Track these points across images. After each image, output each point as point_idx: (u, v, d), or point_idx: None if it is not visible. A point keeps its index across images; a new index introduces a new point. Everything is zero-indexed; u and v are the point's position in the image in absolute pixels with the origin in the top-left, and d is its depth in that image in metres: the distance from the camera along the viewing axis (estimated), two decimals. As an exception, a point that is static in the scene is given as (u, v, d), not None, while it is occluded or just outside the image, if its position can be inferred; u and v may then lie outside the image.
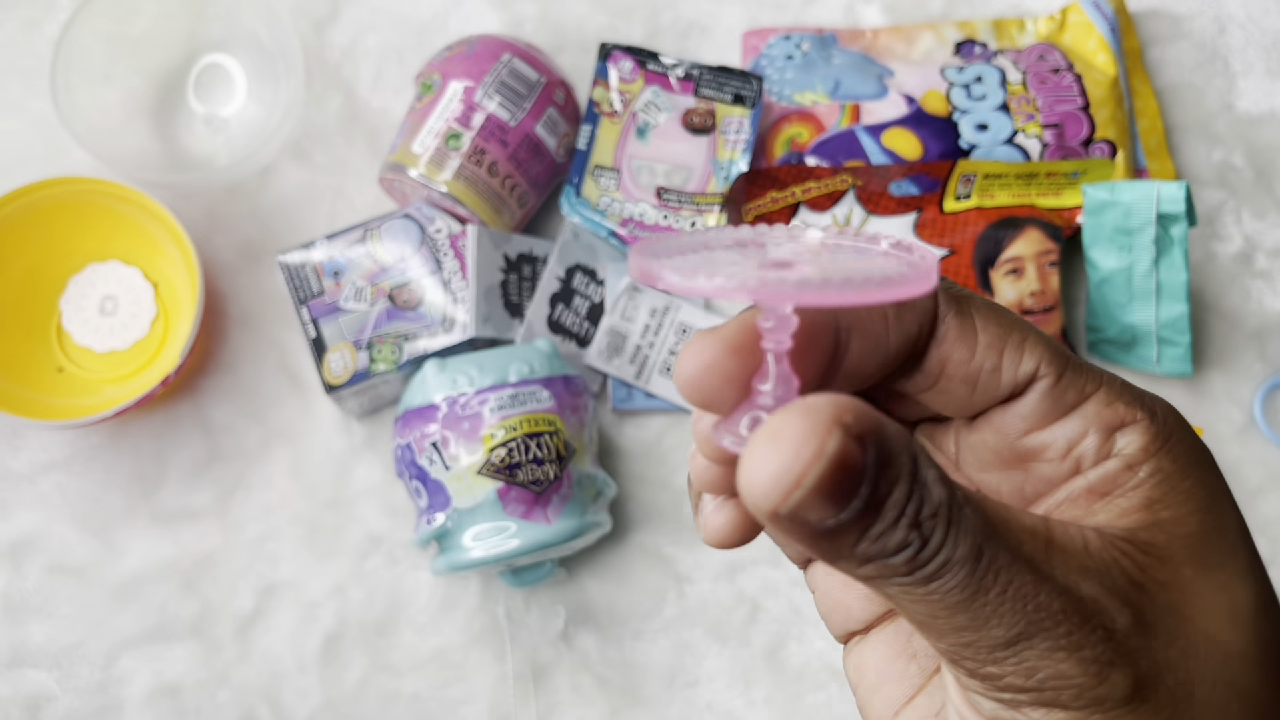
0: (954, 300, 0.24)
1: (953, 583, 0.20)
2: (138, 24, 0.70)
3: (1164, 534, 0.23)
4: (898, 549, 0.20)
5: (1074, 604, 0.21)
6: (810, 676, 0.65)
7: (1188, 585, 0.22)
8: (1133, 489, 0.23)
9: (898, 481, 0.20)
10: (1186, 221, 0.64)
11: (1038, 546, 0.21)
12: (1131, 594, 0.22)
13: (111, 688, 0.65)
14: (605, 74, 0.70)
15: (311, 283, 0.66)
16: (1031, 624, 0.21)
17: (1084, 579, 0.21)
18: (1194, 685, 0.22)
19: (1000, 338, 0.24)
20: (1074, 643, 0.21)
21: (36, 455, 0.68)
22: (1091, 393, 0.24)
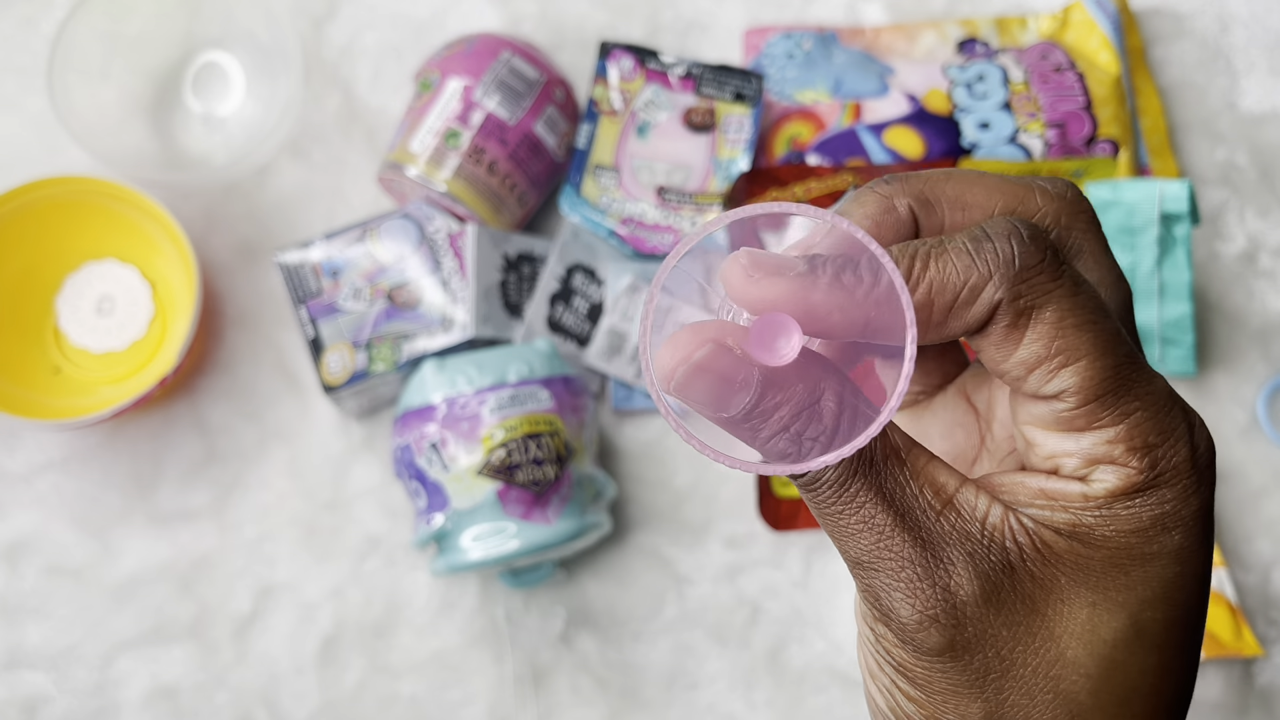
0: (1015, 314, 0.24)
1: (821, 496, 0.25)
2: (135, 22, 0.70)
3: (1067, 544, 0.24)
4: (781, 456, 0.24)
5: (925, 558, 0.24)
6: (811, 679, 0.65)
7: (1055, 588, 0.24)
8: (1077, 509, 0.25)
9: (786, 403, 0.23)
10: (1189, 221, 0.64)
11: (928, 499, 0.25)
12: (995, 573, 0.24)
13: (108, 689, 0.65)
14: (605, 72, 0.70)
15: (309, 282, 0.66)
16: (877, 558, 0.25)
17: (955, 544, 0.24)
18: (1014, 665, 0.24)
19: (1039, 360, 0.24)
20: (911, 588, 0.24)
21: (33, 456, 0.68)
22: (1102, 426, 0.24)
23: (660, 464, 0.68)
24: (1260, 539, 0.66)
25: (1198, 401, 0.68)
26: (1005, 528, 0.25)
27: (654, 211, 0.69)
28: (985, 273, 0.24)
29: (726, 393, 0.23)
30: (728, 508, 0.67)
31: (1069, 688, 0.24)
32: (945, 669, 0.25)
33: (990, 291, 0.24)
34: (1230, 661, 0.64)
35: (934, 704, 0.25)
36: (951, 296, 0.24)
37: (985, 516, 0.25)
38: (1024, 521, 0.25)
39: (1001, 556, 0.24)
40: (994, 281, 0.24)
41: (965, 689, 0.25)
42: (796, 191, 0.68)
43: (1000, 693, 0.25)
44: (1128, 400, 0.24)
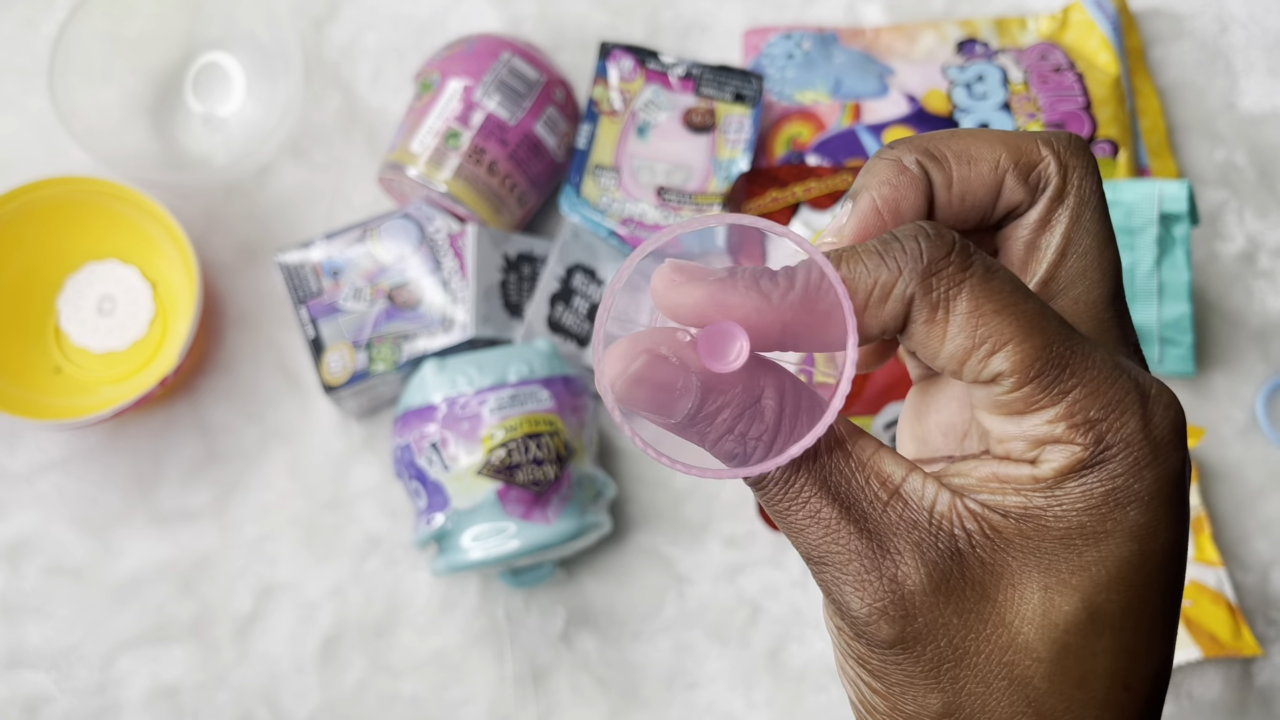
0: (929, 308, 0.24)
1: (770, 495, 0.25)
2: (135, 23, 0.70)
3: (1016, 527, 0.24)
4: (729, 458, 0.25)
5: (872, 550, 0.24)
6: (811, 678, 0.65)
7: (1006, 573, 0.24)
8: (1027, 491, 0.24)
9: (727, 406, 0.24)
10: (1189, 221, 0.64)
11: (874, 489, 0.25)
12: (943, 561, 0.24)
13: (109, 689, 0.65)
14: (605, 73, 0.70)
15: (310, 282, 0.66)
16: (825, 552, 0.25)
17: (902, 533, 0.25)
18: (967, 653, 0.24)
19: (967, 350, 0.24)
20: (859, 581, 0.25)
21: (34, 456, 0.68)
22: (1042, 407, 0.24)
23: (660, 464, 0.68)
24: (1259, 539, 0.67)
25: (1196, 402, 0.68)
26: (953, 514, 0.25)
27: (654, 212, 0.69)
28: (895, 270, 0.24)
29: (668, 400, 0.24)
30: (727, 508, 0.67)
31: (1023, 673, 0.24)
32: (899, 660, 0.25)
33: (901, 288, 0.24)
34: (1229, 661, 0.64)
35: (894, 695, 0.25)
36: (864, 296, 0.24)
37: (933, 505, 0.25)
38: (971, 507, 0.25)
39: (949, 544, 0.24)
40: (904, 278, 0.24)
41: (921, 679, 0.25)
42: (796, 191, 0.68)
43: (956, 681, 0.25)
44: (1064, 377, 0.24)
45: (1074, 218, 0.27)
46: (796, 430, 0.25)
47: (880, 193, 0.26)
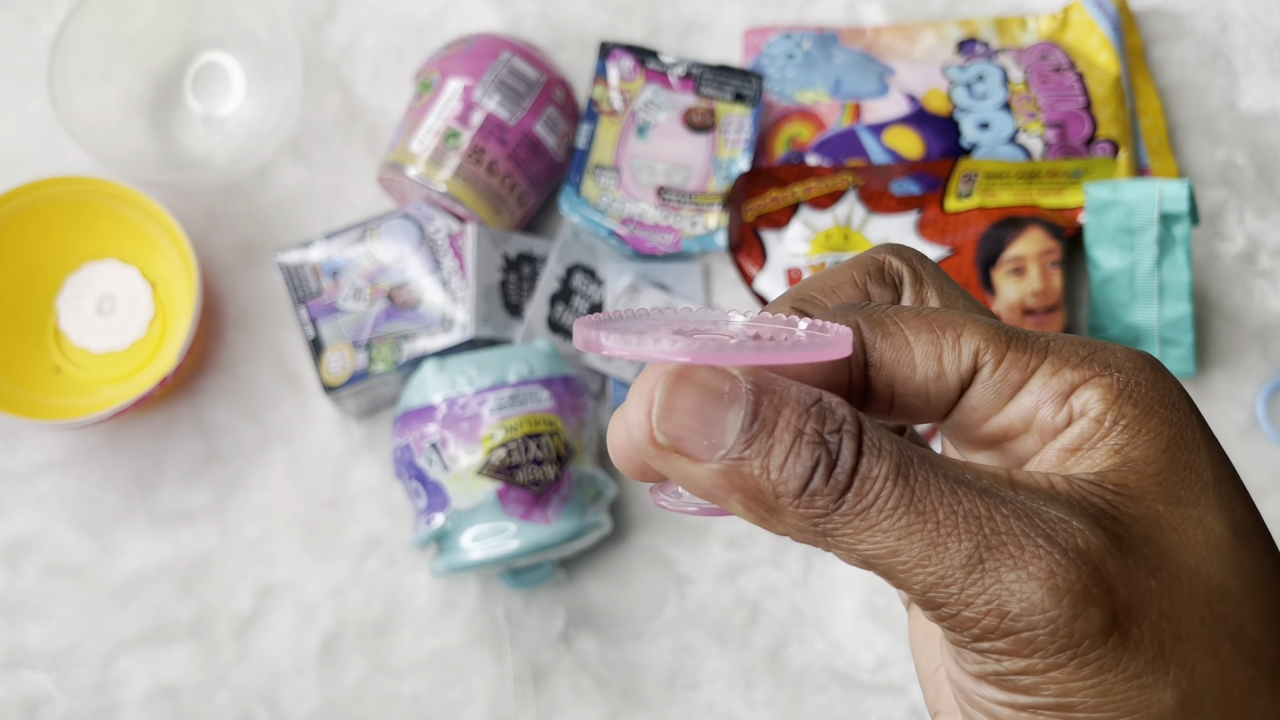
0: (877, 324, 0.24)
1: (886, 503, 0.20)
2: (135, 22, 0.70)
3: (1134, 473, 0.22)
4: (808, 472, 0.20)
5: (1037, 524, 0.20)
6: (811, 678, 0.65)
7: (1162, 520, 0.21)
8: (1100, 440, 0.22)
9: (786, 403, 0.21)
10: (1189, 221, 0.64)
11: (992, 479, 0.21)
12: (1106, 520, 0.21)
13: (109, 689, 0.65)
14: (605, 72, 0.70)
15: (310, 282, 0.66)
16: (988, 546, 0.20)
17: (1051, 505, 0.21)
18: (1181, 621, 0.20)
19: (935, 342, 0.24)
20: (1041, 567, 0.20)
21: (34, 455, 0.68)
22: (1036, 366, 0.23)
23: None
24: (1260, 539, 0.66)
25: (1197, 401, 0.68)
26: (1073, 486, 0.21)
27: (654, 211, 0.69)
28: (844, 315, 0.24)
29: (717, 412, 0.21)
30: (728, 507, 0.67)
31: (1235, 621, 0.20)
32: (1119, 655, 0.20)
33: (846, 317, 0.24)
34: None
35: (1112, 711, 0.20)
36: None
37: (1050, 484, 0.21)
38: (1085, 476, 0.22)
39: (1095, 507, 0.21)
40: (847, 314, 0.24)
41: (1149, 672, 0.20)
42: (796, 191, 0.68)
43: (1185, 663, 0.20)
44: (1032, 339, 0.23)
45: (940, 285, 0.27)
46: None
47: None
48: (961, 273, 0.67)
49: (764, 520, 0.21)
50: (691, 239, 0.69)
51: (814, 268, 0.67)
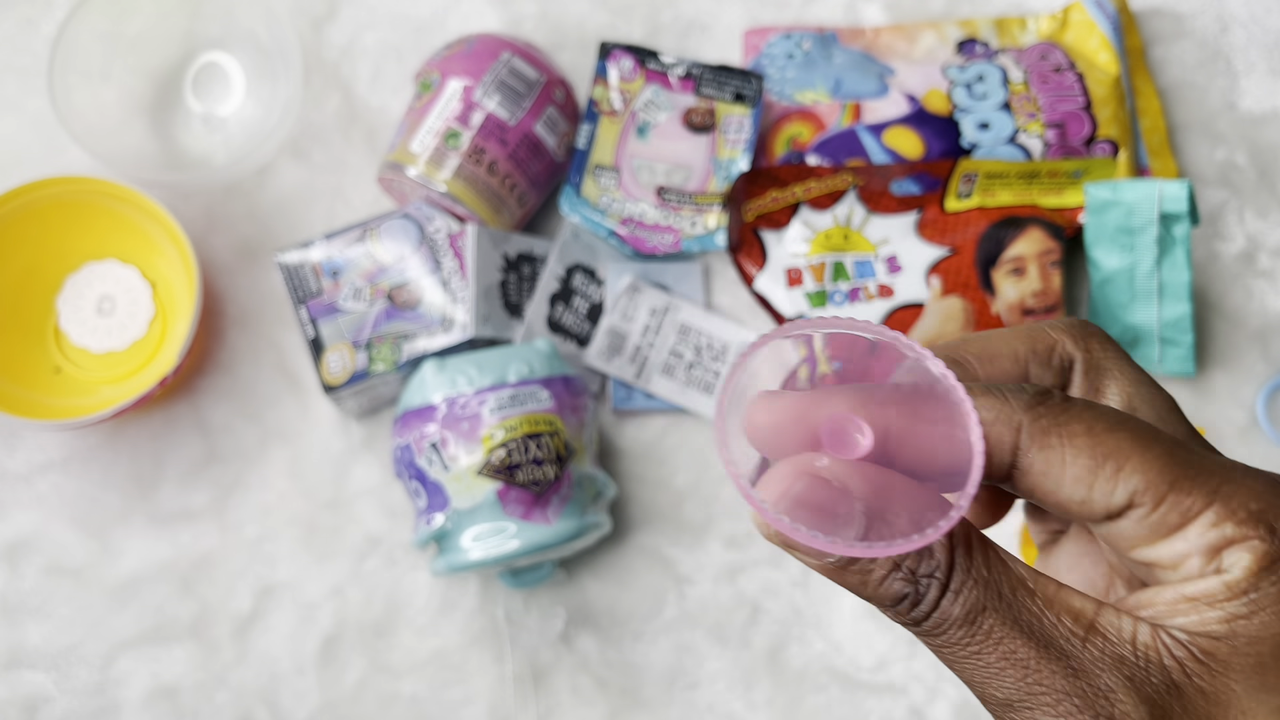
0: (1039, 434, 0.23)
1: (952, 640, 0.23)
2: (135, 23, 0.70)
3: (1229, 646, 0.22)
4: (895, 600, 0.23)
5: (1082, 688, 0.22)
6: (811, 678, 0.65)
7: (1233, 700, 0.22)
8: (1223, 603, 0.23)
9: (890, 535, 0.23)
10: (1189, 221, 0.64)
11: (1068, 625, 0.23)
12: (1160, 696, 0.22)
13: (109, 689, 0.65)
14: (605, 73, 0.70)
15: (310, 282, 0.66)
16: (1027, 694, 0.23)
17: (1109, 670, 0.22)
18: None
19: (1091, 470, 0.23)
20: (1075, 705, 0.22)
21: (34, 455, 0.68)
22: (1197, 513, 0.23)
23: (660, 464, 0.68)
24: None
25: (1197, 402, 0.68)
26: (1158, 644, 0.23)
27: (654, 212, 0.69)
28: (1001, 399, 0.24)
29: (830, 526, 0.22)
30: (728, 508, 0.67)
31: None
32: None
33: (1009, 413, 0.24)
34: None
35: None
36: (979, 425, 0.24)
37: (1134, 637, 0.23)
38: (1177, 635, 0.23)
39: (1163, 676, 0.22)
40: (1011, 406, 0.24)
41: None
42: (796, 191, 0.68)
43: None
44: (1203, 480, 0.23)
45: (1120, 375, 0.26)
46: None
47: None
48: (961, 273, 0.67)
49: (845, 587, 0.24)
50: (691, 239, 0.69)
51: (814, 268, 0.67)
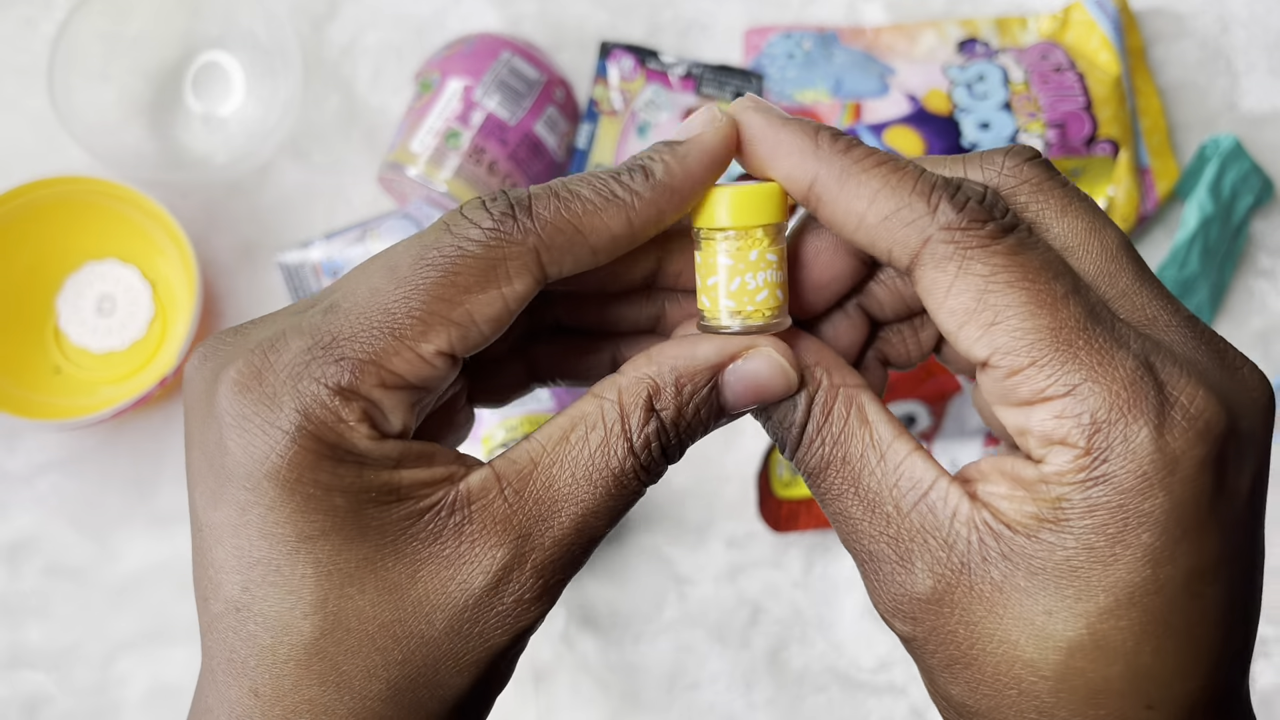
0: (941, 257, 0.24)
1: (811, 485, 0.26)
2: (135, 22, 0.70)
3: (1026, 547, 0.23)
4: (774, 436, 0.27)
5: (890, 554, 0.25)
6: (811, 678, 0.65)
7: (1013, 591, 0.23)
8: (1041, 500, 0.23)
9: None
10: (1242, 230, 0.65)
11: (901, 492, 0.25)
12: (952, 574, 0.24)
13: (109, 689, 0.65)
14: (605, 72, 0.70)
15: (310, 282, 0.66)
16: (851, 546, 0.26)
17: (919, 541, 0.24)
18: (974, 660, 0.24)
19: (968, 312, 0.24)
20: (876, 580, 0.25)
21: (34, 456, 0.68)
22: (1047, 399, 0.23)
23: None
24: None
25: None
26: (970, 526, 0.24)
27: (654, 211, 0.69)
28: (931, 206, 0.24)
29: None
30: (728, 508, 0.67)
31: (1030, 687, 0.24)
32: (918, 652, 0.25)
33: (924, 223, 0.24)
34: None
35: (924, 674, 0.26)
36: (892, 207, 0.24)
37: (954, 514, 0.24)
38: (988, 520, 0.24)
39: (962, 557, 0.24)
40: (932, 216, 0.24)
41: (940, 671, 0.25)
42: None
43: (968, 682, 0.24)
44: (1074, 367, 0.23)
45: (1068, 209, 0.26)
46: None
47: None
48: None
49: None
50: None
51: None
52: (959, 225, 0.24)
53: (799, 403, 0.26)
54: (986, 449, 0.67)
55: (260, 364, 0.23)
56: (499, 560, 0.24)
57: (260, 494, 0.23)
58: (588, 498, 0.25)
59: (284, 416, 0.23)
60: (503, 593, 0.24)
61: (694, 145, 0.26)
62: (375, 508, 0.23)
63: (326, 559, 0.23)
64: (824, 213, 0.25)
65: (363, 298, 0.24)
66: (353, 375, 0.23)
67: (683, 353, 0.26)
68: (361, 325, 0.23)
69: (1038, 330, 0.23)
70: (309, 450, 0.23)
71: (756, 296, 0.26)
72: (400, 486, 0.24)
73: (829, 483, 0.25)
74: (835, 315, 0.28)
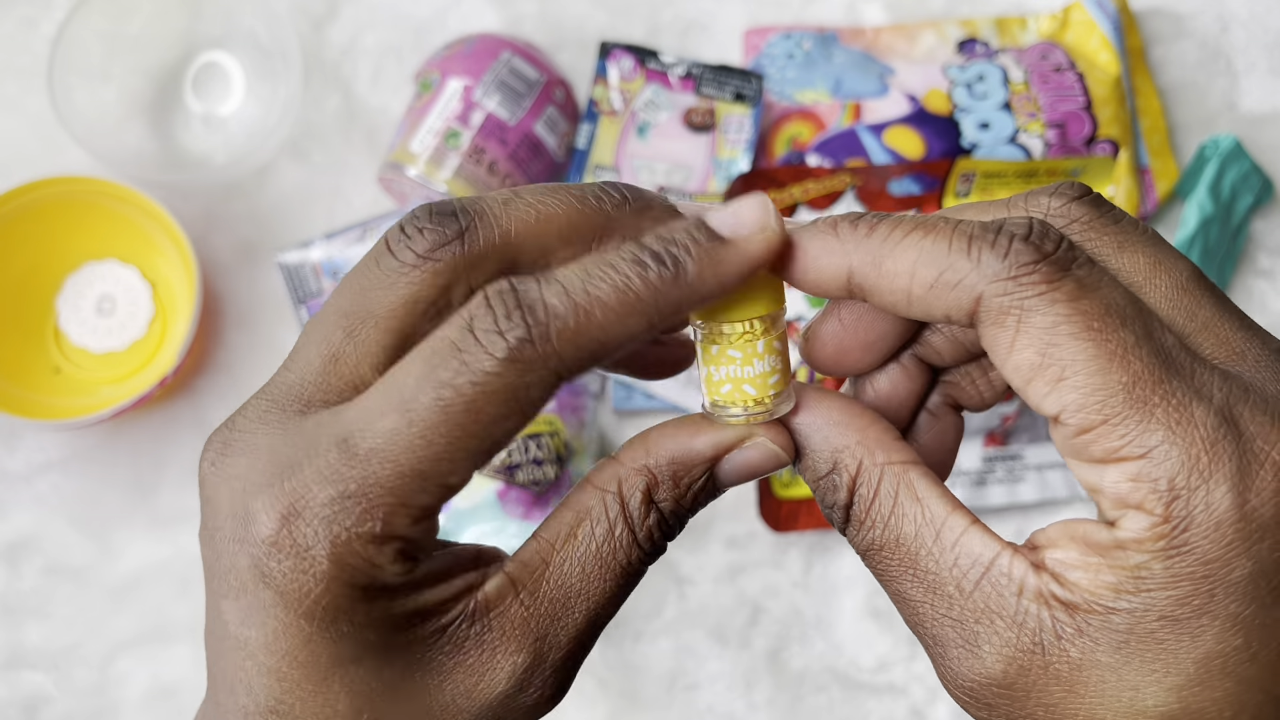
0: (998, 311, 0.22)
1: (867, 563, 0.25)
2: (135, 22, 0.70)
3: (1106, 621, 0.22)
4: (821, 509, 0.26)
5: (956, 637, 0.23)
6: (811, 679, 0.65)
7: (1094, 669, 0.22)
8: (1118, 568, 0.22)
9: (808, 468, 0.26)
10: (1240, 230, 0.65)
11: (961, 571, 0.23)
12: (1025, 656, 0.22)
13: (109, 689, 0.65)
14: (605, 72, 0.70)
15: (310, 282, 0.66)
16: (912, 624, 0.25)
17: (985, 622, 0.23)
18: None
19: (1033, 367, 0.22)
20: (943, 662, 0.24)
21: (33, 456, 0.68)
22: (1121, 459, 0.21)
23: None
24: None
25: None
26: (1041, 600, 0.22)
27: (654, 211, 0.69)
28: (974, 260, 0.22)
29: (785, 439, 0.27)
30: (728, 508, 0.67)
31: None
32: None
33: (972, 279, 0.22)
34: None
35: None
36: (935, 273, 0.23)
37: (1020, 589, 0.23)
38: (1059, 594, 0.22)
39: (1034, 637, 0.22)
40: (978, 270, 0.22)
41: None
42: (794, 192, 0.68)
43: None
44: (1151, 426, 0.21)
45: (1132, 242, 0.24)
46: None
47: None
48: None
49: None
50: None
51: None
52: (1008, 275, 0.22)
53: (839, 484, 0.25)
54: (986, 448, 0.67)
55: (287, 509, 0.23)
56: (520, 665, 0.24)
57: (296, 630, 0.23)
58: (599, 592, 0.25)
59: (319, 565, 0.22)
60: (525, 692, 0.25)
61: (736, 252, 0.24)
62: (404, 631, 0.24)
63: (360, 681, 0.24)
64: (873, 301, 0.24)
65: (381, 441, 0.23)
66: (384, 523, 0.23)
67: (680, 446, 0.25)
68: (386, 472, 0.22)
69: (1109, 386, 0.21)
70: (344, 595, 0.23)
71: (759, 384, 0.25)
72: (425, 608, 0.24)
73: (884, 564, 0.24)
74: (890, 368, 0.27)
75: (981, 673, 0.23)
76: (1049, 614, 0.22)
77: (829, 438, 0.25)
